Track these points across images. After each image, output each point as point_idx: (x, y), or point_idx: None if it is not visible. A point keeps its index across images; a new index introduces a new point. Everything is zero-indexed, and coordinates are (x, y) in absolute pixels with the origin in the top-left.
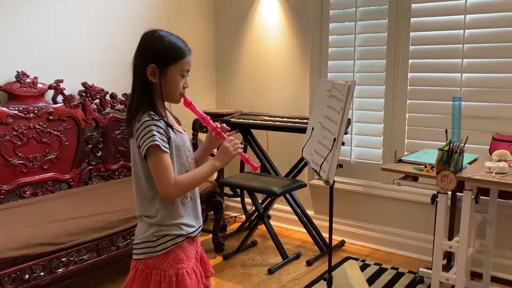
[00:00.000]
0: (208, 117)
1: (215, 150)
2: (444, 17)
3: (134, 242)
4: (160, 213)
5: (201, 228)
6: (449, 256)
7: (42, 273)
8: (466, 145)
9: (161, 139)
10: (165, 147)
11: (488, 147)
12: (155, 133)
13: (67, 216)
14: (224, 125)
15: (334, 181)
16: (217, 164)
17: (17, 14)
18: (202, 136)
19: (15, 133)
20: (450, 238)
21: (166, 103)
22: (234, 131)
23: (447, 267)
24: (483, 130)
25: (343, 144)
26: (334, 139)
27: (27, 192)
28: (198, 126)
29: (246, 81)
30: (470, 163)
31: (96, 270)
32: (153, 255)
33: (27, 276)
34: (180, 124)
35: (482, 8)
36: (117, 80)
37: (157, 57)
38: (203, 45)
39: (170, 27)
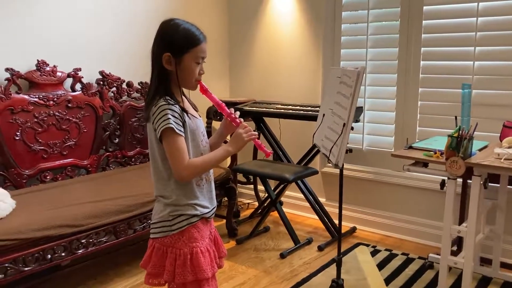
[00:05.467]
0: (223, 103)
1: (228, 137)
2: (456, 5)
3: (151, 222)
4: (175, 193)
5: (215, 209)
6: (459, 243)
7: (63, 254)
8: (477, 132)
9: (176, 123)
10: (180, 130)
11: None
12: (170, 116)
13: (86, 200)
14: (238, 113)
15: (343, 164)
16: (230, 149)
17: (37, 5)
18: (215, 124)
19: (35, 120)
20: (461, 224)
21: (186, 90)
22: (248, 119)
23: (456, 254)
24: (495, 117)
25: (352, 129)
26: (344, 124)
27: (48, 177)
28: (212, 114)
29: (259, 70)
30: (480, 149)
31: (113, 252)
32: (169, 234)
33: (49, 256)
34: (197, 110)
35: None
36: (134, 69)
37: (172, 45)
38: (217, 34)
39: (184, 15)
